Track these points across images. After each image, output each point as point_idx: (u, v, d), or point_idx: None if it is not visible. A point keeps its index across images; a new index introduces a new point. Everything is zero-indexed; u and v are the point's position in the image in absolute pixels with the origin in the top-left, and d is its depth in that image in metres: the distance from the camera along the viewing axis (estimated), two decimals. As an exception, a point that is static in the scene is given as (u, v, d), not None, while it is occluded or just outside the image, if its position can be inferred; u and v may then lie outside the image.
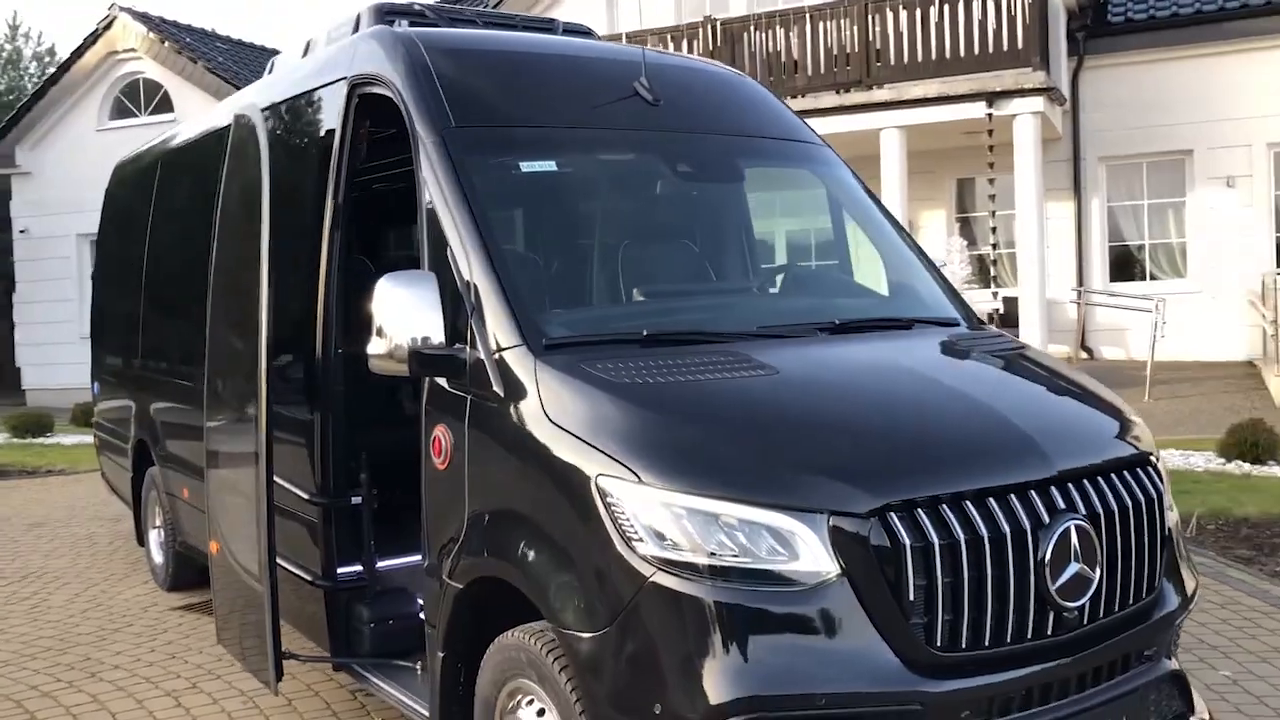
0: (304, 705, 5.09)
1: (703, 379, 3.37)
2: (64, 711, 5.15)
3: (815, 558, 2.90)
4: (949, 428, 3.26)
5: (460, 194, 3.82)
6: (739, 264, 4.76)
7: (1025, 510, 3.06)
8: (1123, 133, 17.11)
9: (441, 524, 3.80)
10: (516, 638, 3.49)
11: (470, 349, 3.64)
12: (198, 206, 6.25)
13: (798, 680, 2.87)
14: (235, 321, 4.87)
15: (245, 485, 4.69)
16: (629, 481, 3.05)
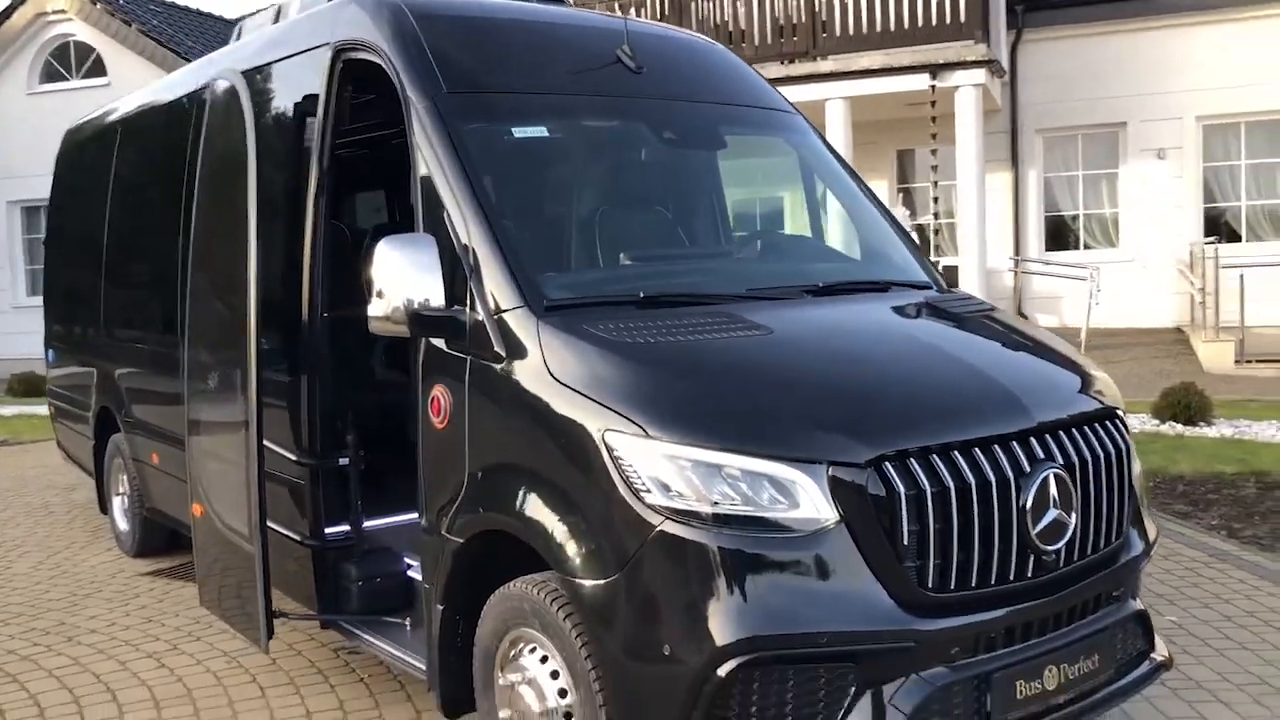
0: (288, 664, 5.18)
1: (701, 338, 3.52)
2: (46, 674, 5.18)
3: (815, 505, 3.06)
4: (937, 383, 3.45)
5: (455, 159, 3.90)
6: (723, 229, 4.90)
7: (1008, 460, 3.25)
8: (1059, 105, 17.51)
9: (440, 481, 3.90)
10: (519, 589, 3.62)
11: (469, 310, 3.73)
12: (167, 171, 6.24)
13: (799, 620, 3.04)
14: (218, 287, 4.90)
15: (231, 449, 4.75)
16: (635, 436, 3.18)
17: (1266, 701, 4.44)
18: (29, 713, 4.74)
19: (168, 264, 6.12)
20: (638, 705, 3.17)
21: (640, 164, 4.67)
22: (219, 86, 4.98)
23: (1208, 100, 16.91)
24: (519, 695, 3.61)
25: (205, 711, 4.68)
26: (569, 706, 3.46)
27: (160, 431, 6.44)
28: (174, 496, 6.43)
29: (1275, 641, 5.06)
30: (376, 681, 4.93)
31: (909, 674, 3.10)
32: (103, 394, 7.38)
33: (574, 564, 3.29)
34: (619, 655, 3.19)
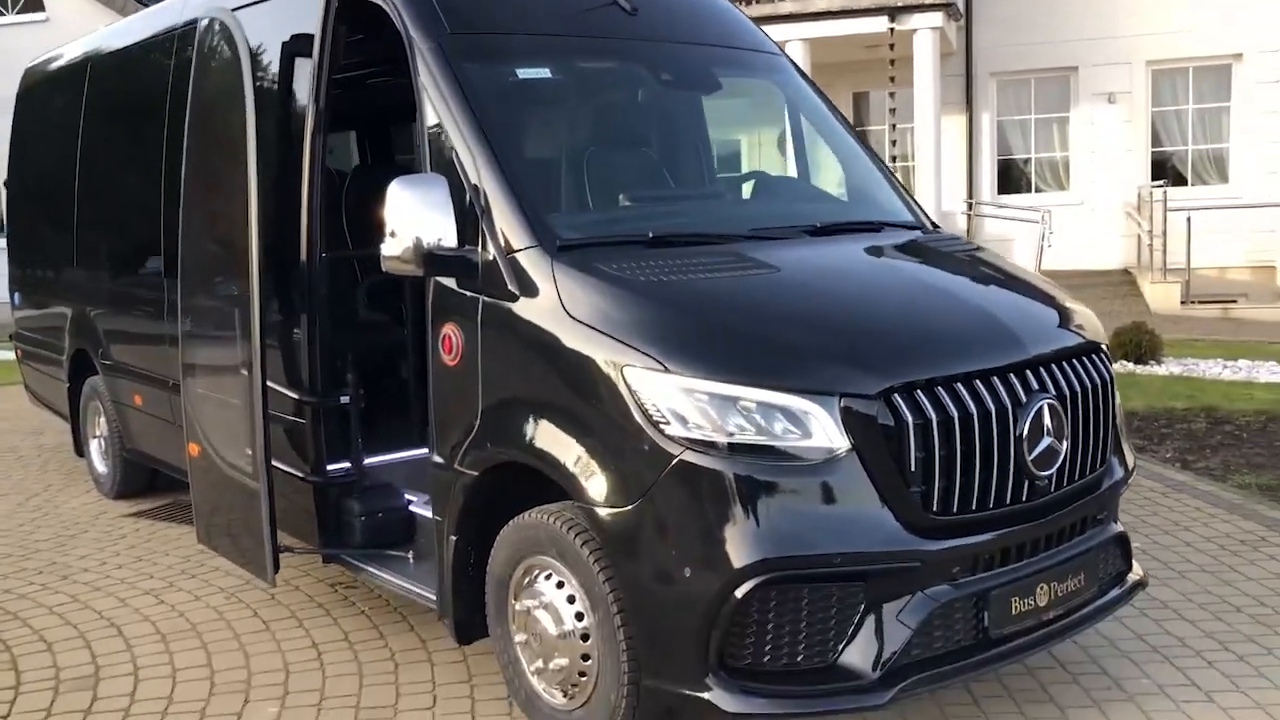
0: (287, 599, 5.28)
1: (713, 277, 3.64)
2: (46, 611, 5.24)
3: (828, 435, 3.22)
4: (939, 319, 3.61)
5: (463, 100, 3.97)
6: (712, 170, 5.01)
7: (1006, 391, 3.43)
8: (1012, 49, 17.71)
9: (452, 417, 4.01)
10: (534, 519, 3.75)
11: (481, 250, 3.82)
12: (146, 110, 6.19)
13: (814, 543, 3.21)
14: (214, 229, 4.93)
15: (231, 388, 4.81)
16: (654, 371, 3.32)
17: (1226, 618, 4.72)
18: (36, 647, 4.81)
19: (150, 205, 6.10)
20: (659, 625, 3.33)
21: (640, 106, 4.76)
22: (210, 25, 4.95)
23: (1157, 45, 17.20)
24: (535, 619, 3.76)
25: (213, 644, 4.78)
26: (585, 629, 3.61)
27: (143, 373, 6.45)
28: (158, 437, 6.47)
29: (1231, 564, 5.35)
30: (377, 613, 5.06)
31: (914, 592, 3.29)
32: (78, 336, 7.35)
33: (593, 493, 3.43)
34: (640, 578, 3.35)
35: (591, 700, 3.62)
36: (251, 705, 4.20)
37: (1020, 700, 4.04)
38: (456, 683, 4.33)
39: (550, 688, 3.78)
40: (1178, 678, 4.20)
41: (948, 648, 3.38)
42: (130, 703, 4.25)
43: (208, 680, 4.43)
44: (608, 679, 3.53)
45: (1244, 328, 13.99)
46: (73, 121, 7.22)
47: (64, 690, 4.38)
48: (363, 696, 4.24)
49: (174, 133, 5.89)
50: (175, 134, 5.86)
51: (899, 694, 3.24)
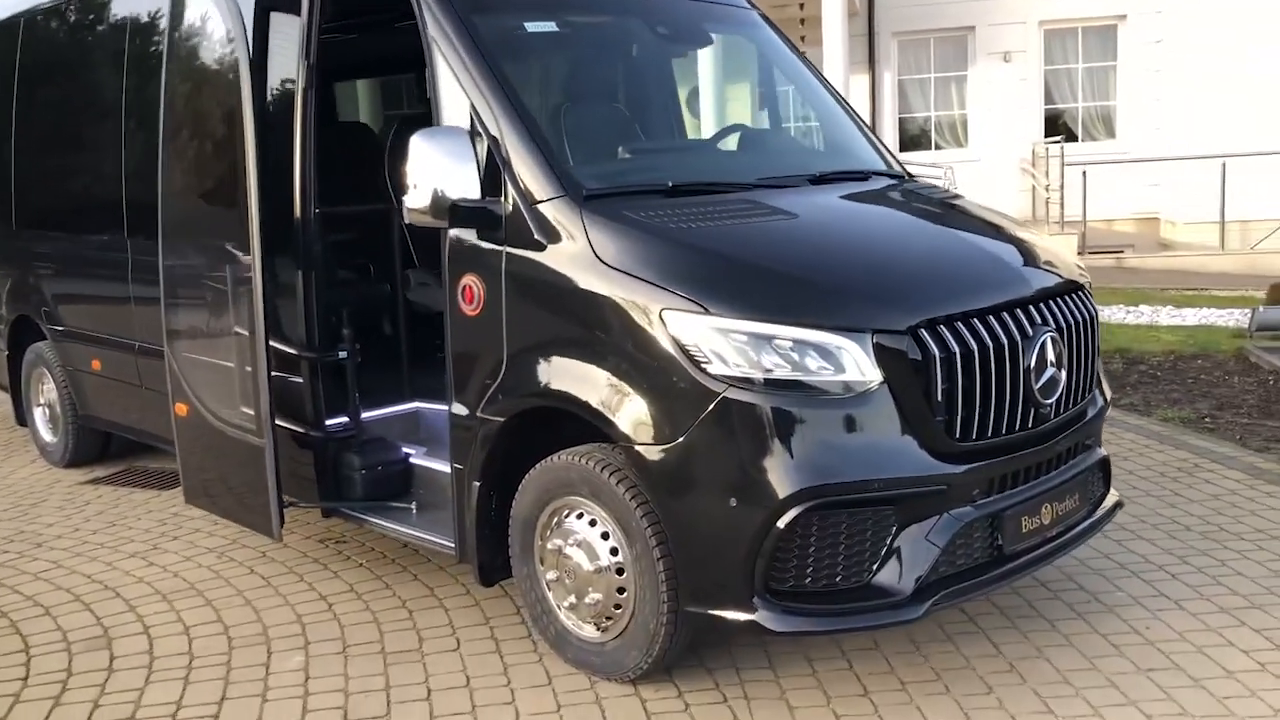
0: (279, 555, 5.31)
1: (738, 223, 3.81)
2: (32, 577, 5.17)
3: (861, 369, 3.43)
4: (952, 259, 3.85)
5: (477, 54, 4.03)
6: (716, 122, 5.16)
7: (1016, 325, 3.69)
8: (913, 9, 18.16)
9: (474, 366, 4.10)
10: (563, 460, 3.89)
11: (503, 201, 3.91)
12: (102, 67, 6.05)
13: (851, 470, 3.43)
14: (204, 187, 4.89)
15: (224, 347, 4.81)
16: (694, 313, 3.47)
17: (1179, 536, 5.11)
18: (34, 612, 4.76)
19: (109, 168, 5.99)
20: (705, 554, 3.51)
21: (640, 59, 4.87)
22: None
23: (1048, 6, 17.83)
24: (567, 557, 3.90)
25: (217, 601, 4.80)
26: (620, 563, 3.77)
27: (103, 337, 6.34)
28: (119, 402, 6.38)
29: (1173, 489, 5.77)
30: (377, 565, 5.13)
31: (941, 513, 3.53)
32: (19, 302, 7.16)
33: (633, 432, 3.58)
34: (685, 511, 3.52)
35: (628, 630, 3.79)
36: (275, 655, 4.26)
37: (1011, 616, 4.34)
38: (475, 625, 4.45)
39: (583, 622, 3.94)
40: (1147, 590, 4.56)
41: (968, 564, 3.64)
42: (150, 659, 4.26)
43: (223, 635, 4.46)
44: (646, 609, 3.70)
45: (1137, 276, 14.72)
46: (6, 76, 6.98)
47: (77, 651, 4.36)
48: (385, 642, 4.33)
49: (139, 93, 5.79)
50: (140, 94, 5.77)
51: (931, 608, 3.48)
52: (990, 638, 4.18)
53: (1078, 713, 3.63)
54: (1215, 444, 6.66)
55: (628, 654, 3.80)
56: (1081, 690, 3.77)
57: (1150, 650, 4.03)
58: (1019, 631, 4.22)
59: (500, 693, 3.90)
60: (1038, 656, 4.02)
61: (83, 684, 4.08)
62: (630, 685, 3.88)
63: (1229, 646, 4.03)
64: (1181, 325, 11.11)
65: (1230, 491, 5.72)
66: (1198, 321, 11.32)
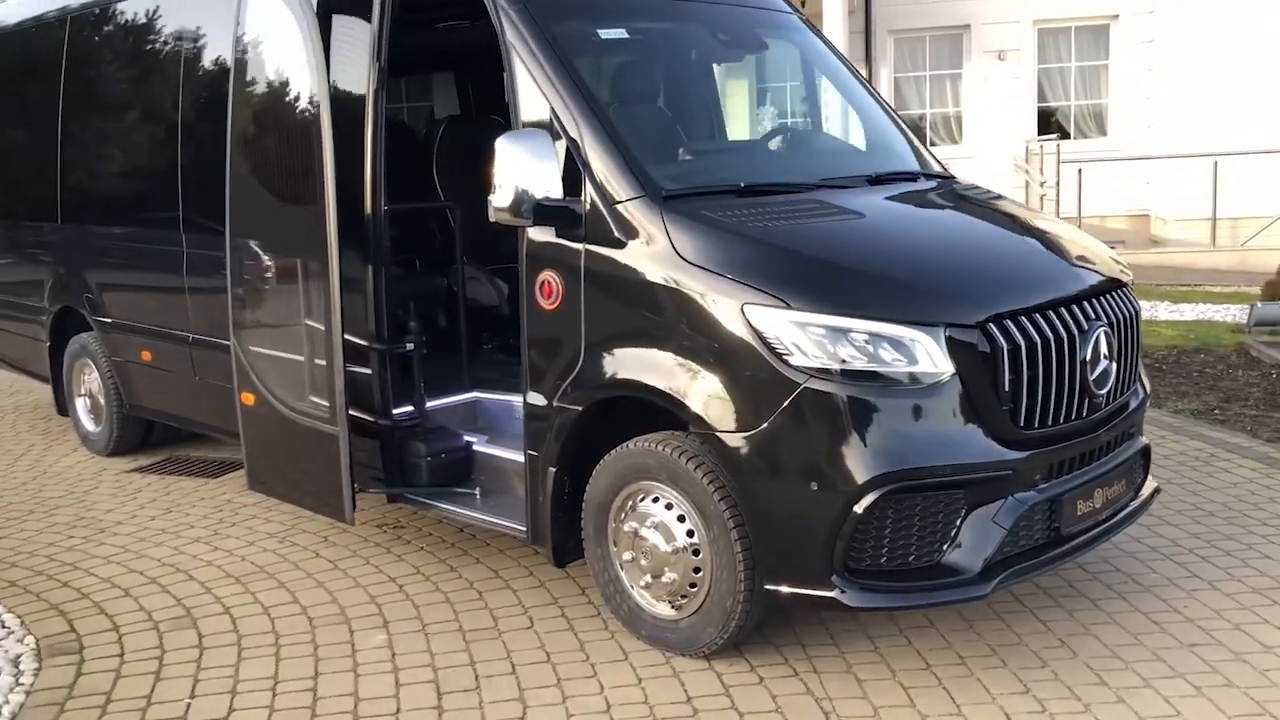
0: (341, 540, 5.48)
1: (811, 222, 4.03)
2: (103, 561, 5.34)
3: (934, 361, 3.65)
4: (1012, 257, 4.09)
5: (556, 59, 4.23)
6: (772, 124, 5.37)
7: (1073, 320, 3.92)
8: (910, 8, 18.39)
9: (551, 357, 4.30)
10: (640, 446, 4.10)
11: (583, 201, 4.11)
12: (160, 62, 6.19)
13: (926, 456, 3.65)
14: (276, 183, 5.05)
15: (295, 339, 4.99)
16: (776, 308, 3.69)
17: (1204, 521, 5.36)
18: (113, 594, 4.93)
19: (164, 164, 6.14)
20: (786, 535, 3.72)
21: (702, 64, 5.08)
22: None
23: (1042, 5, 18.09)
24: (643, 539, 4.12)
25: (290, 583, 4.98)
26: (696, 544, 3.99)
27: (153, 329, 6.49)
28: (172, 392, 6.53)
29: (1193, 478, 6.02)
30: (438, 549, 5.32)
31: (1006, 497, 3.76)
32: (63, 294, 7.30)
33: (715, 420, 3.79)
34: (767, 494, 3.73)
35: (704, 607, 4.00)
36: (358, 634, 4.45)
37: (1055, 596, 4.58)
38: (544, 604, 4.65)
39: (657, 600, 4.15)
40: (1180, 571, 4.81)
41: (1029, 545, 3.87)
42: (238, 638, 4.45)
43: (302, 615, 4.65)
44: (722, 587, 3.91)
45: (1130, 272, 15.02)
46: (50, 81, 7.11)
47: (165, 630, 4.54)
48: (461, 621, 4.53)
49: (196, 90, 5.95)
50: (198, 91, 5.93)
51: (997, 586, 3.71)
52: (1038, 616, 4.41)
53: (1130, 684, 3.87)
54: (1228, 435, 6.92)
55: (703, 630, 4.02)
56: (1131, 664, 4.01)
57: (1190, 627, 4.27)
58: (1064, 610, 4.46)
59: (581, 667, 4.11)
60: (1085, 633, 4.26)
61: (178, 660, 4.26)
62: (704, 660, 4.10)
63: (1265, 624, 4.28)
64: (1180, 320, 11.40)
65: (1248, 480, 5.99)
66: (1195, 317, 11.62)
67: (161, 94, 6.21)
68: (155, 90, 6.28)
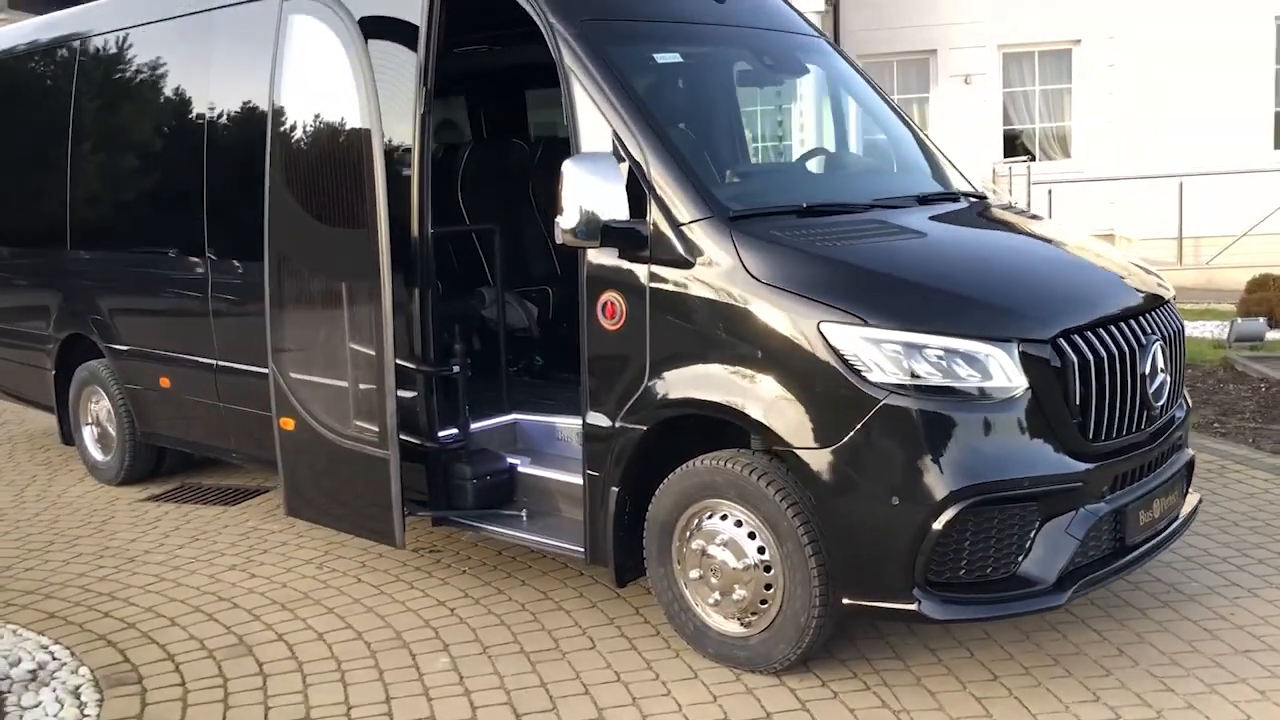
0: (379, 565, 5.45)
1: (876, 241, 4.10)
2: (140, 590, 5.26)
3: (1008, 376, 3.73)
4: (1072, 274, 4.20)
5: (618, 84, 4.28)
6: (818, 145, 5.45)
7: (1133, 334, 4.02)
8: (877, 33, 18.70)
9: (613, 377, 4.33)
10: (707, 464, 4.14)
11: (648, 222, 4.15)
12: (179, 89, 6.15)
13: (1004, 469, 3.73)
14: (319, 210, 5.03)
15: (341, 362, 4.98)
16: (852, 325, 3.75)
17: (1231, 531, 5.49)
18: (158, 623, 4.86)
19: (188, 188, 6.09)
20: (867, 550, 3.77)
21: (749, 87, 5.16)
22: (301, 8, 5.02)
23: (1007, 30, 18.48)
24: (711, 556, 4.15)
25: (339, 609, 4.94)
26: (767, 561, 4.02)
27: (173, 356, 6.42)
28: (194, 419, 6.46)
29: (1211, 489, 6.15)
30: (481, 571, 5.30)
31: (1077, 508, 3.84)
32: (71, 321, 7.20)
33: (794, 437, 3.84)
34: (847, 510, 3.78)
35: (776, 623, 4.03)
36: (421, 658, 4.42)
37: (1104, 606, 4.67)
38: (600, 625, 4.66)
39: (726, 618, 4.17)
40: (1219, 580, 4.92)
41: (1097, 555, 3.96)
42: (298, 664, 4.41)
43: (358, 640, 4.62)
44: (796, 603, 3.95)
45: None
46: (59, 106, 7.04)
47: (222, 658, 4.49)
48: (522, 643, 4.52)
49: (221, 114, 5.92)
50: (223, 117, 5.90)
51: (1073, 596, 3.79)
52: (1091, 626, 4.50)
53: (1195, 690, 3.96)
54: (1233, 447, 7.10)
55: (775, 646, 4.05)
56: (1192, 670, 4.10)
57: (1242, 634, 4.38)
58: (1115, 620, 4.55)
59: (653, 685, 4.12)
60: (1140, 642, 4.35)
61: (243, 688, 4.21)
62: (775, 676, 4.13)
63: (1312, 628, 4.41)
64: (1160, 337, 11.63)
65: (1263, 490, 6.14)
66: (1174, 333, 11.86)
67: (184, 120, 6.16)
68: (177, 116, 6.23)
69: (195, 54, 6.09)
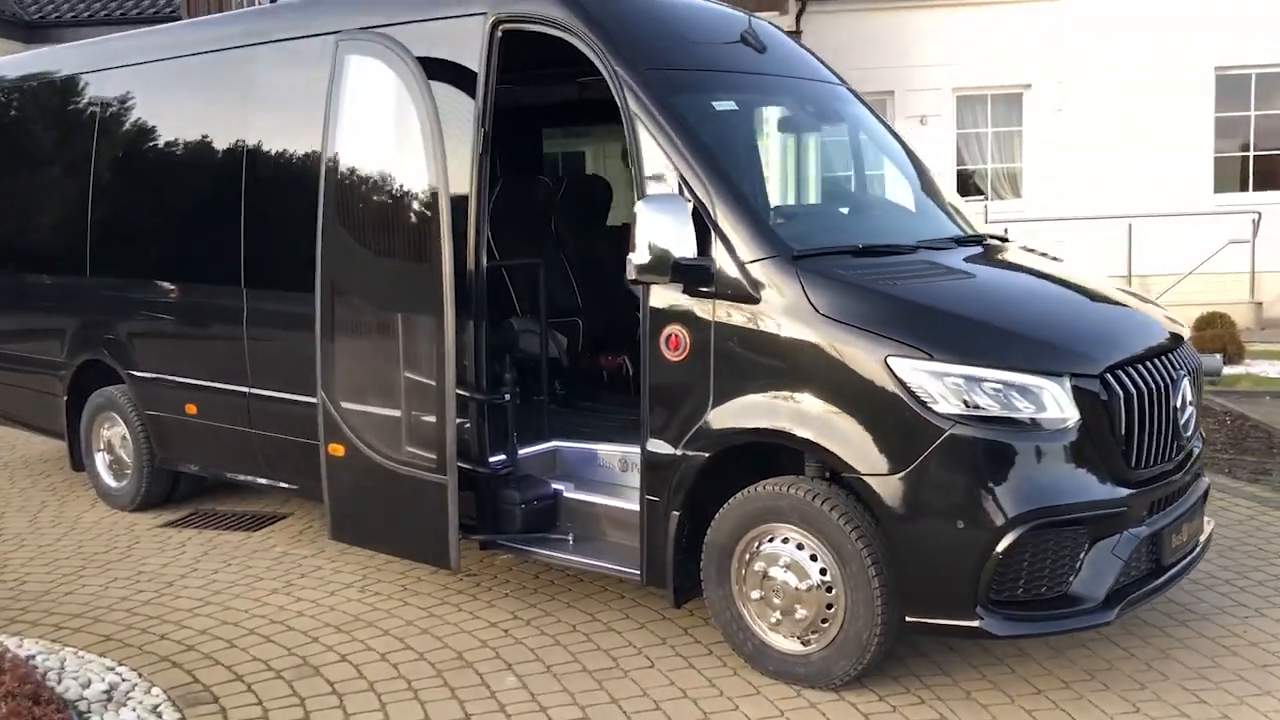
0: (421, 588, 5.59)
1: (931, 281, 4.39)
2: (188, 614, 5.33)
3: (1062, 407, 4.02)
4: (1111, 314, 4.53)
5: (683, 129, 4.54)
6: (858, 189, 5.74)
7: (1166, 369, 4.35)
8: (837, 73, 19.24)
9: (676, 407, 4.54)
10: (770, 489, 4.37)
11: (715, 259, 4.39)
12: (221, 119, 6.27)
13: (1060, 495, 4.01)
14: (380, 240, 5.20)
15: (394, 389, 5.14)
16: (918, 359, 4.02)
17: (1228, 555, 5.84)
18: (216, 645, 4.95)
19: (224, 218, 6.20)
20: (932, 570, 4.03)
21: (795, 133, 5.44)
22: (362, 49, 5.21)
23: (961, 74, 19.13)
24: (772, 578, 4.37)
25: (394, 631, 5.07)
26: (829, 581, 4.26)
27: (201, 383, 6.50)
28: (220, 445, 6.53)
29: (1199, 516, 6.53)
30: (524, 595, 5.46)
31: (1122, 531, 4.13)
32: (88, 347, 7.24)
33: (861, 463, 4.09)
34: (913, 533, 4.03)
35: (837, 641, 4.27)
36: (488, 677, 4.57)
37: (1125, 624, 4.94)
38: (654, 645, 4.85)
39: (786, 638, 4.40)
40: (1226, 601, 5.25)
41: (1137, 575, 4.25)
42: (369, 684, 4.53)
43: (420, 660, 4.75)
44: (858, 621, 4.19)
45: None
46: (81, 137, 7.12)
47: (291, 678, 4.60)
48: (583, 662, 4.69)
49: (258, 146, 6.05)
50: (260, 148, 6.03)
51: (1120, 613, 4.07)
52: (1116, 643, 4.79)
53: (1227, 700, 4.26)
54: (1211, 476, 7.44)
55: (836, 663, 4.28)
56: (1220, 684, 4.40)
57: (1257, 650, 4.70)
58: (1137, 637, 4.85)
59: (720, 702, 4.32)
60: (1165, 657, 4.65)
61: (322, 706, 4.33)
62: (834, 691, 4.35)
63: (1321, 645, 4.75)
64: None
65: (1250, 517, 6.52)
66: (1133, 368, 12.38)
67: (221, 152, 6.28)
68: (214, 148, 6.34)
69: (235, 87, 6.22)
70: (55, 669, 4.58)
